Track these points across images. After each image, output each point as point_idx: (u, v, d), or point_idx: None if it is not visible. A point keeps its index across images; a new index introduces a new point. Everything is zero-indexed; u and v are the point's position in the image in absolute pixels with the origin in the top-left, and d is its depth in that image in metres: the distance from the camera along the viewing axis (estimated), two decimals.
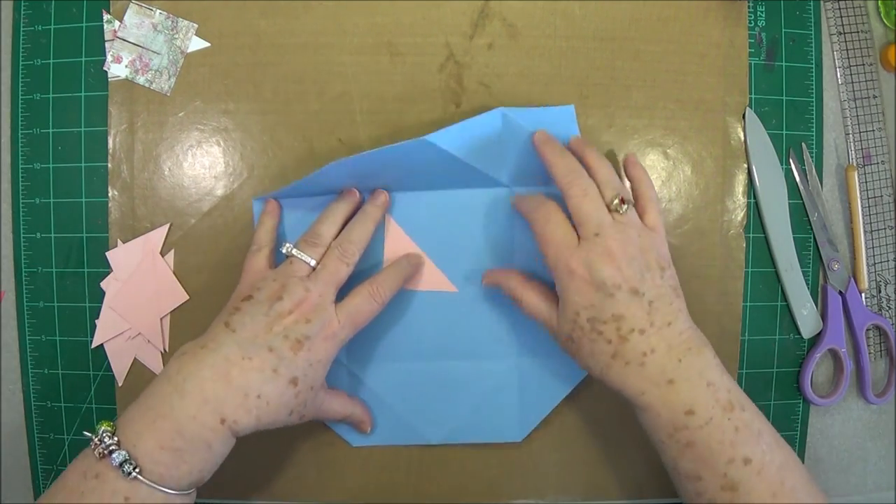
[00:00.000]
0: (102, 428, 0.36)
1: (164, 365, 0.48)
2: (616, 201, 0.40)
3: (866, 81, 0.51)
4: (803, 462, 0.52)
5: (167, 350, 0.48)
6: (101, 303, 0.48)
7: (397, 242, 0.47)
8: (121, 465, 0.35)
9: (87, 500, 0.35)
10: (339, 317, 0.41)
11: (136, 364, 0.49)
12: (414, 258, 0.46)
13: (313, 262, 0.42)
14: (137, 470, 0.35)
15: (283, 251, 0.42)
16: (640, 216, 0.42)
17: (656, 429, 0.38)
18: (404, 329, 0.48)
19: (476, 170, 0.45)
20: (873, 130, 0.51)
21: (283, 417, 0.39)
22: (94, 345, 0.48)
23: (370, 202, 0.46)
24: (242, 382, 0.37)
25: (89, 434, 0.36)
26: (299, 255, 0.42)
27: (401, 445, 0.49)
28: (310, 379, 0.40)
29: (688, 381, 0.38)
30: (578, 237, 0.40)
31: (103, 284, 0.48)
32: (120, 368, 0.48)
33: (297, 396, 0.39)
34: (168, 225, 0.48)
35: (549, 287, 0.43)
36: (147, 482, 0.35)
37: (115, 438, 0.36)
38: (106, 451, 0.35)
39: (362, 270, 0.46)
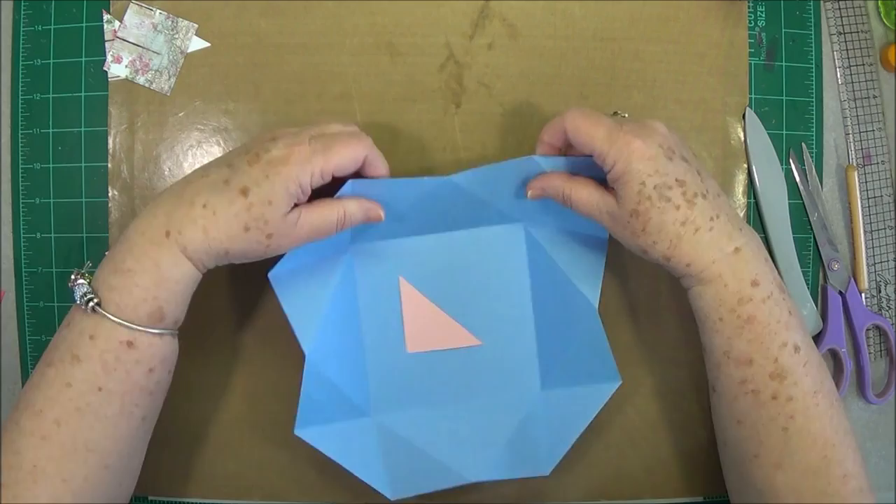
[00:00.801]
0: (76, 277, 0.37)
1: None
2: (618, 114, 0.42)
3: (866, 81, 0.51)
4: None
5: None
6: None
7: (412, 301, 0.47)
8: (83, 297, 0.36)
9: (59, 349, 0.37)
10: (310, 147, 0.37)
11: None
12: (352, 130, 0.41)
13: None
14: (96, 301, 0.36)
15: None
16: None
17: (720, 302, 0.39)
18: (431, 378, 0.47)
19: (491, 206, 0.45)
20: (873, 130, 0.51)
21: (237, 232, 0.37)
22: None
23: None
24: (191, 194, 0.37)
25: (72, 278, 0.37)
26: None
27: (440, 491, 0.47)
28: (265, 192, 0.36)
29: (752, 251, 0.39)
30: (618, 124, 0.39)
31: None
32: None
33: (251, 210, 0.36)
34: None
35: (595, 180, 0.42)
36: (105, 314, 0.36)
37: (81, 275, 0.37)
38: (73, 288, 0.37)
39: (384, 353, 0.46)
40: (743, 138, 0.50)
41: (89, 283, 0.37)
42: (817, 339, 0.51)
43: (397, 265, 0.47)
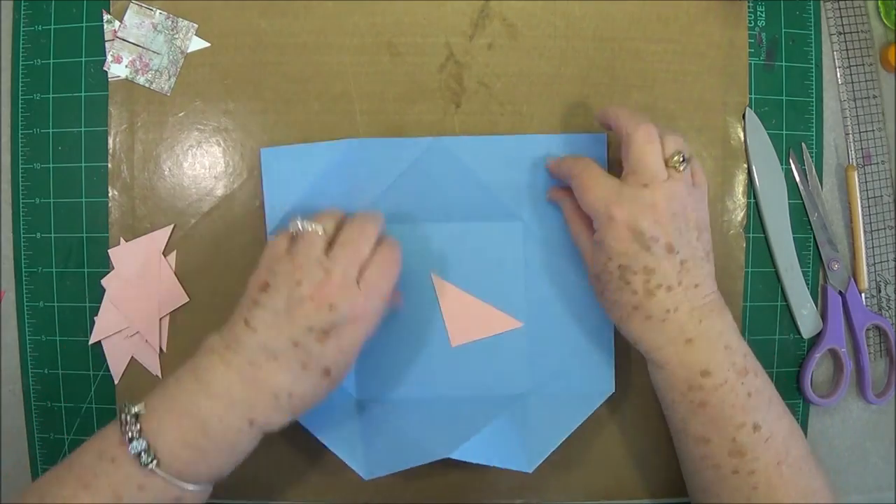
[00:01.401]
0: (127, 415, 0.35)
1: (161, 365, 0.48)
2: (678, 157, 0.39)
3: (866, 81, 0.51)
4: None
5: (164, 350, 0.48)
6: (101, 302, 0.48)
7: (448, 295, 0.47)
8: (139, 454, 0.34)
9: (99, 481, 0.35)
10: (364, 294, 0.37)
11: (134, 363, 0.48)
12: (372, 215, 0.42)
13: (324, 231, 0.38)
14: (155, 462, 0.34)
15: (291, 228, 0.39)
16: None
17: (670, 386, 0.39)
18: (426, 365, 0.47)
19: (496, 198, 0.46)
20: (873, 130, 0.51)
21: (320, 401, 0.39)
22: (92, 340, 0.48)
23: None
24: (271, 384, 0.36)
25: (123, 413, 0.36)
26: (309, 226, 0.38)
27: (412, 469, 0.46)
28: (343, 364, 0.38)
29: (706, 342, 0.38)
30: (623, 186, 0.39)
31: (104, 282, 0.48)
32: (117, 367, 0.48)
33: (333, 383, 0.38)
34: (172, 226, 0.48)
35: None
36: (164, 475, 0.35)
37: (139, 426, 0.35)
38: (127, 438, 0.35)
39: (423, 342, 0.47)
40: (743, 138, 0.50)
41: (141, 432, 0.35)
42: (817, 339, 0.51)
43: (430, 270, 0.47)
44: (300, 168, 0.46)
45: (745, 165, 0.50)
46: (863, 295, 0.51)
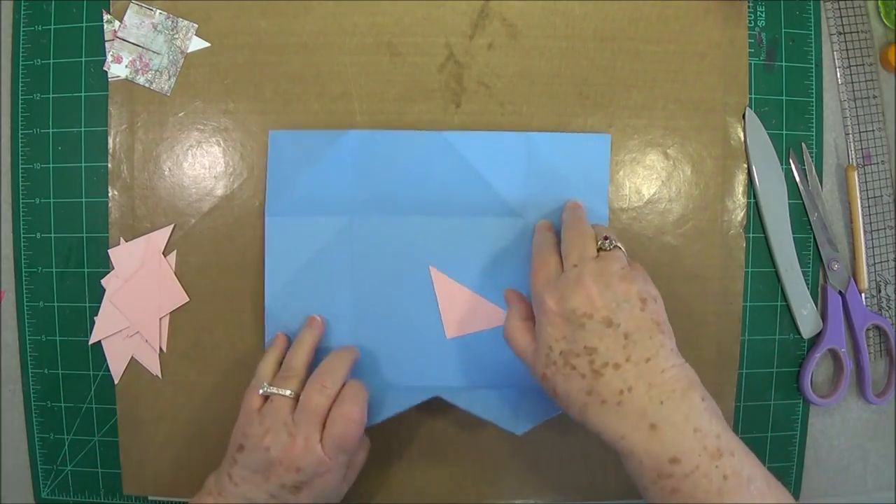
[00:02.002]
0: None
1: (160, 365, 0.48)
2: (606, 242, 0.40)
3: (866, 81, 0.51)
4: (803, 463, 0.52)
5: (164, 350, 0.48)
6: (101, 302, 0.48)
7: (445, 288, 0.48)
8: None
9: None
10: (328, 453, 0.40)
11: (134, 363, 0.49)
12: (348, 353, 0.45)
13: (290, 393, 0.41)
14: None
15: (260, 392, 0.42)
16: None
17: (640, 475, 0.36)
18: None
19: (496, 194, 0.47)
20: (873, 130, 0.51)
21: None
22: (92, 340, 0.48)
23: (348, 349, 0.45)
24: None
25: None
26: (277, 391, 0.42)
27: (404, 417, 0.45)
28: (322, 500, 0.42)
29: (672, 427, 0.35)
30: (560, 273, 0.40)
31: (104, 281, 0.48)
32: (117, 367, 0.48)
33: None
34: (172, 226, 0.48)
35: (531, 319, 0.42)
36: None
37: None
38: None
39: (418, 333, 0.48)
40: (743, 138, 0.50)
41: None
42: (817, 339, 0.51)
43: (401, 242, 0.47)
44: (305, 153, 0.47)
45: (745, 165, 0.50)
46: (863, 295, 0.51)
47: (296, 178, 0.47)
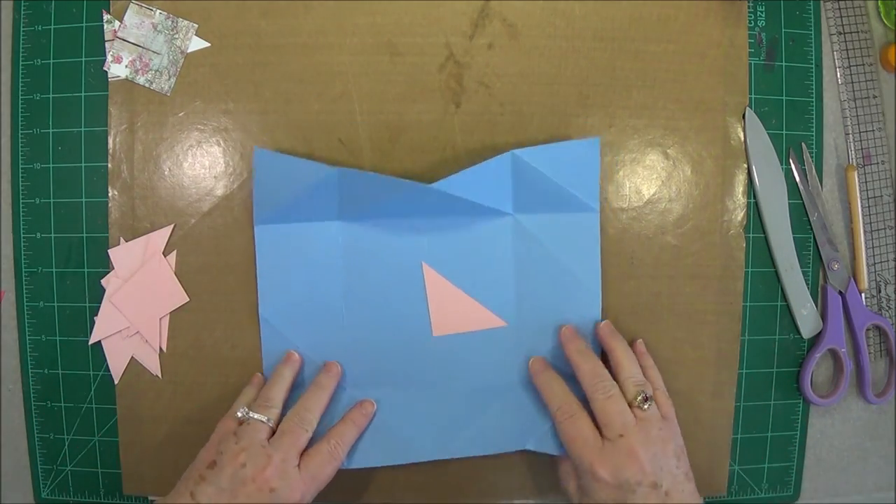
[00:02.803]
0: None
1: (160, 365, 0.48)
2: (639, 398, 0.42)
3: (866, 81, 0.51)
4: (803, 463, 0.52)
5: (164, 350, 0.48)
6: (101, 302, 0.48)
7: (436, 285, 0.48)
8: None
9: None
10: (302, 479, 0.41)
11: (134, 363, 0.49)
12: (367, 406, 0.46)
13: (268, 420, 0.42)
14: None
15: (239, 415, 0.43)
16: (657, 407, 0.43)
17: None
18: (417, 360, 0.48)
19: (487, 203, 0.46)
20: (873, 130, 0.51)
21: None
22: (92, 340, 0.48)
23: (323, 373, 0.46)
24: None
25: None
26: (255, 416, 0.42)
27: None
28: None
29: None
30: (602, 436, 0.41)
31: (103, 281, 0.48)
32: (117, 367, 0.48)
33: None
34: (172, 226, 0.48)
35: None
36: None
37: None
38: None
39: (405, 329, 0.47)
40: (743, 138, 0.50)
41: None
42: (817, 339, 0.51)
43: (393, 246, 0.47)
44: (289, 179, 0.45)
45: (745, 165, 0.50)
46: (863, 295, 0.51)
47: (280, 193, 0.46)
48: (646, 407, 0.42)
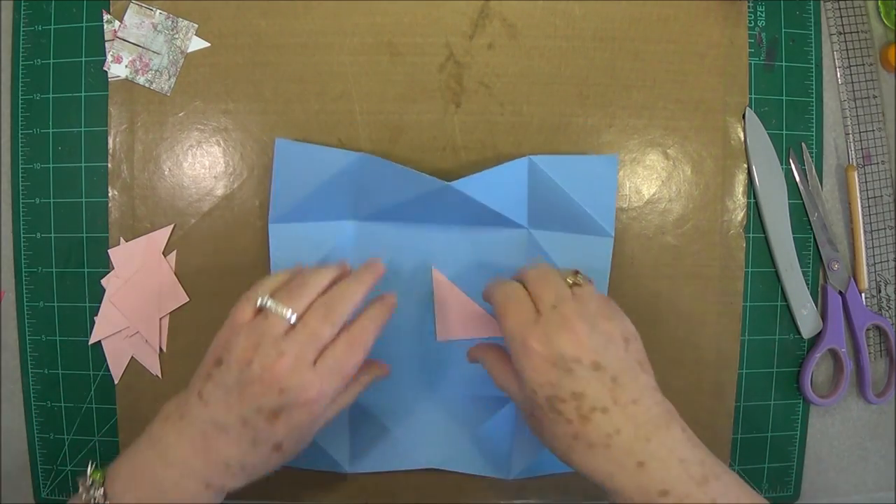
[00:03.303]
0: (91, 478, 0.36)
1: (161, 365, 0.48)
2: (578, 277, 0.39)
3: (866, 81, 0.51)
4: (803, 463, 0.52)
5: (164, 350, 0.48)
6: (101, 302, 0.48)
7: (444, 289, 0.47)
8: None
9: None
10: (318, 375, 0.36)
11: (134, 363, 0.49)
12: (387, 298, 0.41)
13: (292, 317, 0.37)
14: None
15: (257, 304, 0.38)
16: None
17: None
18: (416, 365, 0.48)
19: (499, 214, 0.46)
20: (873, 130, 0.51)
21: (273, 469, 0.38)
22: (92, 340, 0.48)
23: (364, 268, 0.41)
24: (223, 456, 0.36)
25: (85, 474, 0.37)
26: (276, 309, 0.37)
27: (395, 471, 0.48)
28: (295, 439, 0.38)
29: (659, 461, 0.35)
30: (537, 313, 0.37)
31: (104, 281, 0.48)
32: (117, 367, 0.48)
33: (284, 456, 0.38)
34: (172, 226, 0.48)
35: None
36: None
37: (102, 490, 0.36)
38: (92, 502, 0.35)
39: (413, 342, 0.47)
40: (743, 138, 0.50)
41: (105, 495, 0.36)
42: (817, 339, 0.51)
43: (403, 249, 0.47)
44: (311, 168, 0.45)
45: (745, 165, 0.50)
46: (863, 295, 0.51)
47: (299, 186, 0.46)
48: (580, 281, 0.38)
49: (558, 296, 0.37)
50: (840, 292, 0.51)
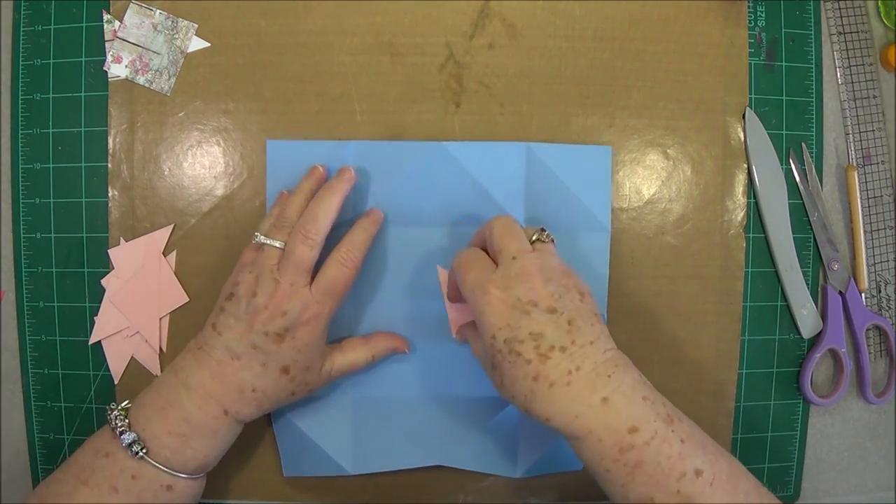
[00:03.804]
0: (115, 412, 0.40)
1: (161, 365, 0.48)
2: (542, 234, 0.40)
3: (866, 81, 0.51)
4: (803, 463, 0.52)
5: (164, 350, 0.48)
6: (101, 302, 0.48)
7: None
8: (130, 445, 0.38)
9: (97, 476, 0.38)
10: (315, 296, 0.41)
11: (134, 363, 0.49)
12: (374, 214, 0.45)
13: (280, 244, 0.42)
14: (145, 451, 0.38)
15: (254, 241, 0.43)
16: None
17: (600, 456, 0.35)
18: (419, 363, 0.48)
19: (493, 200, 0.46)
20: (873, 130, 0.51)
21: (285, 398, 0.42)
22: (92, 340, 0.48)
23: (335, 178, 0.44)
24: (237, 380, 0.40)
25: (113, 409, 0.40)
26: (267, 241, 0.42)
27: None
28: (301, 362, 0.41)
29: (623, 397, 0.35)
30: (496, 266, 0.39)
31: (104, 281, 0.48)
32: (117, 367, 0.48)
33: (293, 380, 0.42)
34: (171, 226, 0.48)
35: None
36: (154, 463, 0.39)
37: (127, 421, 0.39)
38: (117, 432, 0.39)
39: (423, 332, 0.47)
40: (743, 138, 0.50)
41: (129, 426, 0.39)
42: (817, 339, 0.51)
43: (404, 249, 0.47)
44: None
45: (745, 165, 0.50)
46: (863, 295, 0.51)
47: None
48: (544, 238, 0.40)
49: (519, 249, 0.39)
50: (840, 292, 0.51)
